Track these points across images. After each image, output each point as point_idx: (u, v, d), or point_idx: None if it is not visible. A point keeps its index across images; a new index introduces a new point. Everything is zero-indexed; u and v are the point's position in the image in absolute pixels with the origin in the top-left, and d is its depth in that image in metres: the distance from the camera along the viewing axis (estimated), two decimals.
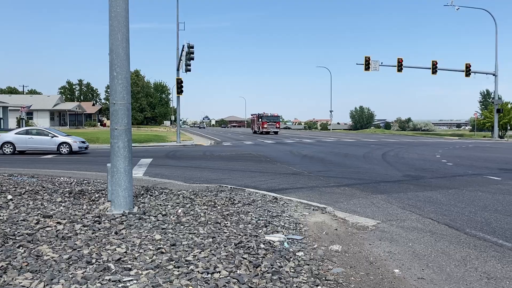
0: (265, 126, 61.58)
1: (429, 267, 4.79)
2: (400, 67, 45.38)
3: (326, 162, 17.72)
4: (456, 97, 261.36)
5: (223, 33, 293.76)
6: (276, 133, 62.37)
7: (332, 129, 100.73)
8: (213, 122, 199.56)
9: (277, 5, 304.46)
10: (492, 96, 58.65)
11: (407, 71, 73.72)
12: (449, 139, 47.57)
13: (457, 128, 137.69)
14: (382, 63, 45.87)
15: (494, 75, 48.89)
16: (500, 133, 50.57)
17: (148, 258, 4.44)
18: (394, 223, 6.94)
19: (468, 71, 47.38)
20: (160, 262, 4.31)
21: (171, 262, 4.31)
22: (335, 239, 5.81)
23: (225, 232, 5.57)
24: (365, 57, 44.93)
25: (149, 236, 5.25)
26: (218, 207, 7.22)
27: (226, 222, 6.12)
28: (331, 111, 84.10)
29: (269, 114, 63.85)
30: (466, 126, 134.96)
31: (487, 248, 5.55)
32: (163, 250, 4.69)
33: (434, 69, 46.22)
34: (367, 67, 45.05)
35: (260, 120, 63.40)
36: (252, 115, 73.14)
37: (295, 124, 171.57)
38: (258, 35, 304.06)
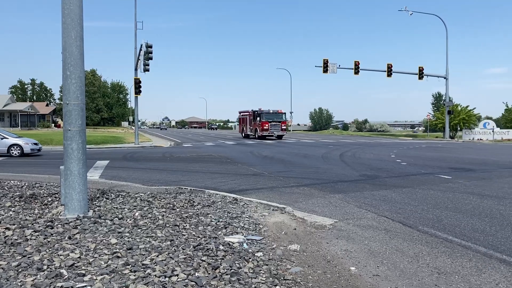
0: (266, 127, 43.29)
1: (384, 264, 4.93)
2: (357, 69, 46.57)
3: (286, 163, 17.89)
4: (410, 99, 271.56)
5: (183, 34, 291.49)
6: (280, 137, 44.78)
7: (293, 130, 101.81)
8: (173, 123, 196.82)
9: (237, 7, 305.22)
10: (443, 98, 61.22)
11: (364, 73, 75.81)
12: (403, 140, 49.25)
13: (411, 129, 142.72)
14: (339, 65, 46.88)
15: (445, 78, 51.06)
16: (451, 133, 52.90)
17: (103, 263, 4.31)
18: (351, 221, 7.10)
19: (421, 74, 49.28)
20: (116, 267, 4.20)
21: (127, 267, 4.21)
22: (294, 238, 5.87)
23: (184, 235, 5.50)
24: (324, 59, 45.78)
25: (104, 240, 5.10)
26: (177, 209, 7.13)
27: (185, 225, 6.05)
28: (291, 113, 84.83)
29: (271, 111, 44.92)
30: (419, 127, 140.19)
31: (438, 244, 5.79)
32: (119, 254, 4.58)
33: (389, 72, 47.75)
34: (325, 70, 45.92)
35: (258, 119, 44.71)
36: (241, 112, 51.67)
37: None
38: (219, 36, 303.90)
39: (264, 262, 4.67)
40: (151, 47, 31.51)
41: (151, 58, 31.71)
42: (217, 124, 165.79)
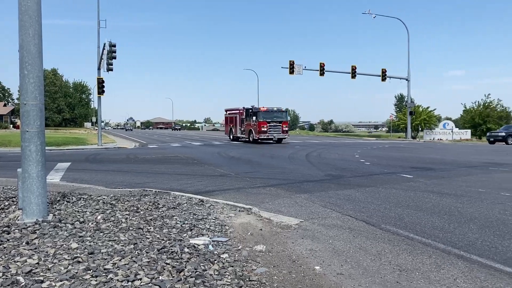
0: (265, 129, 35.22)
1: (347, 262, 5.02)
2: (322, 71, 47.29)
3: (253, 163, 17.92)
4: (374, 100, 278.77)
5: (148, 33, 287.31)
6: (280, 141, 37.00)
7: None
8: (138, 124, 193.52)
9: (205, 7, 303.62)
10: (405, 99, 63.05)
11: (329, 75, 76.95)
12: (367, 140, 50.36)
13: (375, 129, 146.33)
14: (305, 67, 47.51)
15: (407, 80, 52.59)
16: (413, 134, 54.57)
17: (63, 269, 4.17)
18: (316, 221, 7.18)
19: (384, 76, 50.58)
20: (76, 272, 4.07)
21: (89, 272, 4.09)
22: (260, 239, 5.88)
23: (148, 238, 5.40)
24: (290, 61, 46.26)
25: (64, 245, 4.94)
26: (141, 212, 7.00)
27: (149, 227, 5.94)
28: None
29: (270, 109, 36.74)
30: (383, 127, 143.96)
31: (400, 242, 5.94)
32: (80, 259, 4.44)
33: (354, 73, 48.74)
34: (291, 71, 46.41)
35: (254, 118, 36.17)
36: (228, 111, 43.60)
37: (223, 126, 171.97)
38: (185, 36, 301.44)
39: (230, 263, 4.65)
40: (114, 46, 30.85)
41: (114, 58, 31.06)
42: (183, 124, 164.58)
